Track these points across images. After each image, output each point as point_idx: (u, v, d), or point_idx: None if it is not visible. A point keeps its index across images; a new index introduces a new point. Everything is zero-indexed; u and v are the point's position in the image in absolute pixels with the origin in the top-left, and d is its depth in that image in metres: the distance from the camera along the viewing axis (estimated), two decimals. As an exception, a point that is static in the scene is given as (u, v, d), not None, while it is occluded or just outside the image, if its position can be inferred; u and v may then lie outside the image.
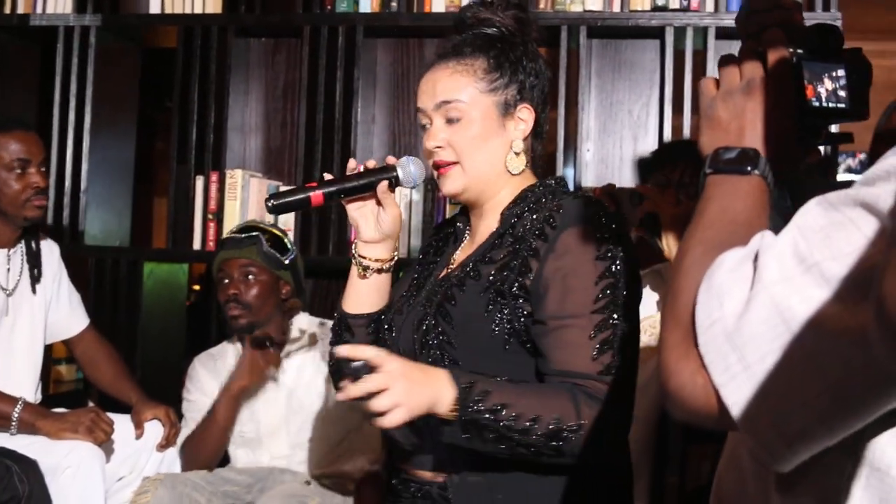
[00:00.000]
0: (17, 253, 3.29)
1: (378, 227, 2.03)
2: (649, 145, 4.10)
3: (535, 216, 1.93)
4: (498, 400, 1.72)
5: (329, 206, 4.08)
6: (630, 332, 1.84)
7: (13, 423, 3.03)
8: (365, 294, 2.06)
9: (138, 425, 3.26)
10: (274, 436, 3.20)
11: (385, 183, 2.00)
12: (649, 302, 2.96)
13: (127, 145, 4.63)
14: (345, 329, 2.08)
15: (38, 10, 4.36)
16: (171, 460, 3.26)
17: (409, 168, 2.02)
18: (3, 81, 4.47)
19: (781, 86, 1.19)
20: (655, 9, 3.93)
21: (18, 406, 3.04)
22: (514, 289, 1.85)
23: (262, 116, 4.45)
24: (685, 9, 3.91)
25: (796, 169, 1.24)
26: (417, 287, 2.08)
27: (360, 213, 2.03)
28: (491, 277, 1.89)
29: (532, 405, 1.74)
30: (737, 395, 0.96)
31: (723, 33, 3.90)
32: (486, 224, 2.03)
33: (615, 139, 4.15)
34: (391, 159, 2.04)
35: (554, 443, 1.73)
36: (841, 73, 1.21)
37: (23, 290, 3.28)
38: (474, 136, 1.96)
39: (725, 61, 1.24)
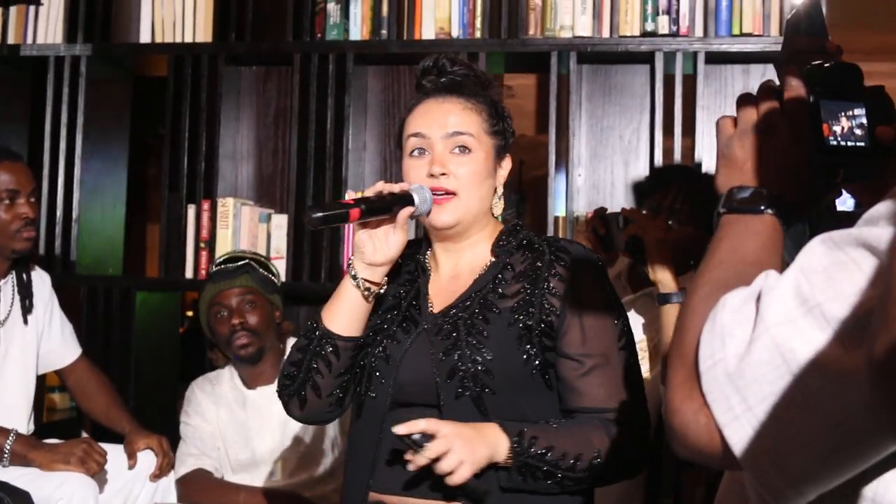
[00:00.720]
0: (8, 284, 3.27)
1: (386, 252, 2.01)
2: (640, 170, 4.11)
3: (529, 254, 2.06)
4: (545, 444, 1.88)
5: (323, 231, 4.11)
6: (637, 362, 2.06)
7: (5, 455, 3.01)
8: (358, 318, 2.04)
9: (131, 455, 3.24)
10: (268, 463, 3.20)
11: (409, 210, 1.99)
12: (636, 326, 2.96)
13: (119, 173, 4.63)
14: (331, 350, 2.03)
15: (29, 40, 4.37)
16: (165, 489, 3.24)
17: (424, 195, 2.00)
18: (-6, 110, 4.47)
19: (798, 125, 1.19)
20: (645, 34, 3.95)
21: (10, 438, 3.03)
22: (540, 325, 1.97)
23: (253, 144, 4.45)
24: (674, 34, 3.93)
25: (817, 206, 1.25)
26: (404, 319, 2.07)
27: (370, 236, 2.00)
28: (513, 312, 1.99)
29: (574, 444, 1.91)
30: (739, 435, 0.96)
31: (712, 58, 3.92)
32: (468, 259, 2.10)
33: (606, 164, 4.16)
34: (404, 186, 2.02)
35: (595, 474, 1.93)
36: (859, 111, 1.20)
37: (14, 321, 3.27)
38: (477, 172, 2.05)
39: (743, 101, 1.24)
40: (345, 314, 2.04)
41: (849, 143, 1.19)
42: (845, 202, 1.39)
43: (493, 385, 1.94)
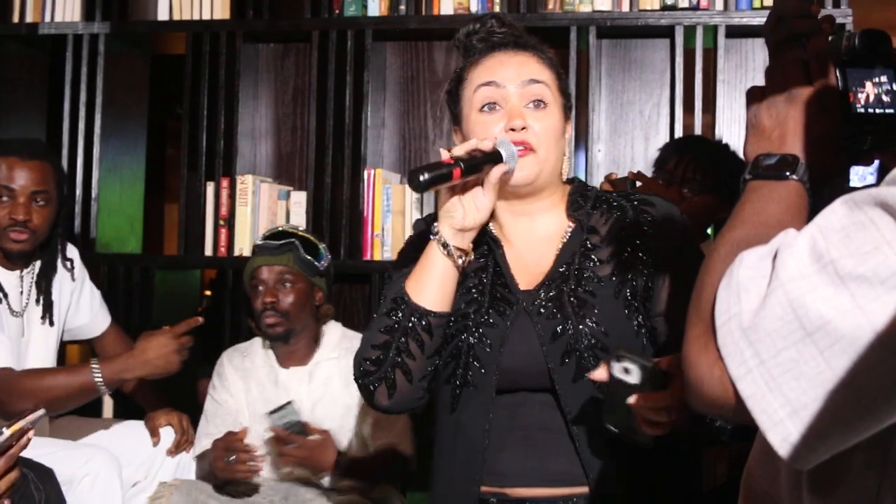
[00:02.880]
0: (30, 274, 3.26)
1: (475, 215, 1.85)
2: (660, 145, 4.08)
3: (609, 212, 1.95)
4: None
5: (342, 209, 4.10)
6: None
7: (101, 388, 3.01)
8: (449, 291, 1.87)
9: (153, 432, 3.25)
10: None
11: (503, 166, 1.83)
12: None
13: (137, 152, 4.63)
14: (424, 327, 1.86)
15: (47, 18, 4.37)
16: (187, 464, 3.26)
17: (510, 149, 1.85)
18: (12, 90, 4.48)
19: (825, 93, 1.20)
20: (665, 8, 3.92)
21: (94, 367, 3.00)
22: (641, 290, 1.88)
23: (272, 121, 4.44)
24: (695, 7, 3.89)
25: (844, 176, 1.25)
26: (493, 299, 1.92)
27: (460, 199, 1.84)
28: (613, 279, 1.89)
29: None
30: (752, 389, 0.98)
31: (733, 31, 3.89)
32: (544, 226, 1.97)
33: (626, 139, 4.14)
34: (487, 144, 1.84)
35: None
36: (885, 78, 1.20)
37: (31, 310, 3.26)
38: (555, 128, 1.94)
39: (770, 70, 1.25)
40: (436, 288, 1.86)
41: (876, 111, 1.19)
42: (865, 178, 1.38)
43: None
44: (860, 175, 1.38)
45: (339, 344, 3.26)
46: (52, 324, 3.27)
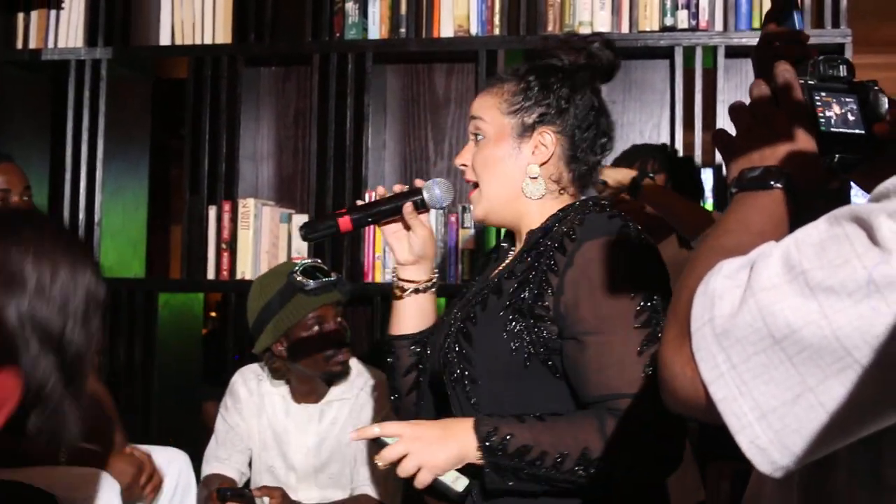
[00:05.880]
0: None
1: (411, 249, 2.06)
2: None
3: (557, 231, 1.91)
4: (521, 442, 1.74)
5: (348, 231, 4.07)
6: None
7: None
8: (406, 316, 2.10)
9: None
10: (297, 477, 3.19)
11: (410, 205, 2.03)
12: None
13: (140, 175, 4.65)
14: (388, 352, 2.14)
15: (50, 44, 4.39)
16: (186, 486, 3.20)
17: (434, 190, 2.04)
18: (15, 116, 4.49)
19: (795, 115, 1.23)
20: (664, 29, 3.93)
21: None
22: (534, 306, 1.83)
23: (273, 144, 4.46)
24: (694, 28, 3.91)
25: (823, 193, 1.26)
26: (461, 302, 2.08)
27: (394, 237, 2.07)
28: (511, 293, 1.87)
29: (558, 441, 1.75)
30: (724, 392, 1.01)
31: (732, 52, 3.90)
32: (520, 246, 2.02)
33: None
34: (419, 182, 2.07)
35: (598, 472, 1.74)
36: (850, 99, 1.24)
37: None
38: (487, 157, 1.97)
39: (736, 107, 1.29)
40: (394, 315, 2.13)
41: (843, 130, 1.23)
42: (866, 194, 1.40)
43: (476, 374, 1.87)
44: (862, 192, 1.39)
45: (353, 383, 3.21)
46: None
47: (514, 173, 1.96)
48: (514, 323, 1.84)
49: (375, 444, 1.82)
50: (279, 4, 4.30)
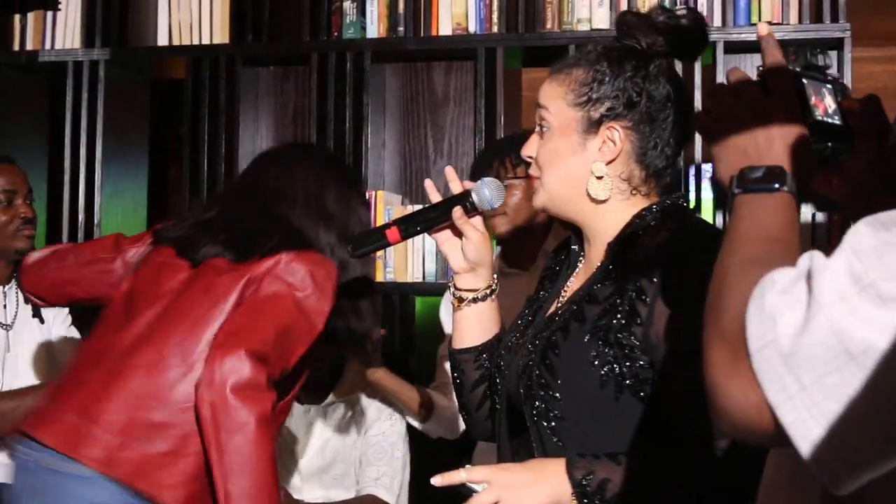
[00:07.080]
0: (13, 288, 3.27)
1: (465, 256, 1.89)
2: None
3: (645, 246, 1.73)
4: (617, 489, 1.61)
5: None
6: None
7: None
8: (468, 328, 1.93)
9: None
10: (308, 481, 3.20)
11: (459, 209, 1.85)
12: None
13: (139, 176, 4.64)
14: (454, 367, 1.97)
15: (47, 45, 4.39)
16: None
17: (483, 192, 1.85)
18: (13, 118, 4.49)
19: (787, 104, 1.20)
20: (663, 25, 3.92)
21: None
22: (623, 337, 1.66)
23: (272, 144, 4.44)
24: (692, 24, 3.89)
25: (814, 182, 1.26)
26: (527, 323, 1.88)
27: (446, 245, 1.91)
28: (595, 321, 1.69)
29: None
30: (794, 415, 0.96)
31: (731, 47, 3.89)
32: (595, 252, 1.80)
33: (626, 156, 4.14)
34: (468, 184, 1.89)
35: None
36: (829, 89, 1.23)
37: (23, 324, 3.27)
38: (549, 151, 1.78)
39: (719, 89, 1.25)
40: (456, 327, 1.96)
41: (829, 120, 1.21)
42: None
43: (562, 410, 1.70)
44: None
45: (356, 383, 3.20)
46: (41, 323, 3.28)
47: (578, 171, 1.76)
48: (601, 353, 1.67)
49: (461, 489, 1.66)
50: (276, 4, 4.30)
